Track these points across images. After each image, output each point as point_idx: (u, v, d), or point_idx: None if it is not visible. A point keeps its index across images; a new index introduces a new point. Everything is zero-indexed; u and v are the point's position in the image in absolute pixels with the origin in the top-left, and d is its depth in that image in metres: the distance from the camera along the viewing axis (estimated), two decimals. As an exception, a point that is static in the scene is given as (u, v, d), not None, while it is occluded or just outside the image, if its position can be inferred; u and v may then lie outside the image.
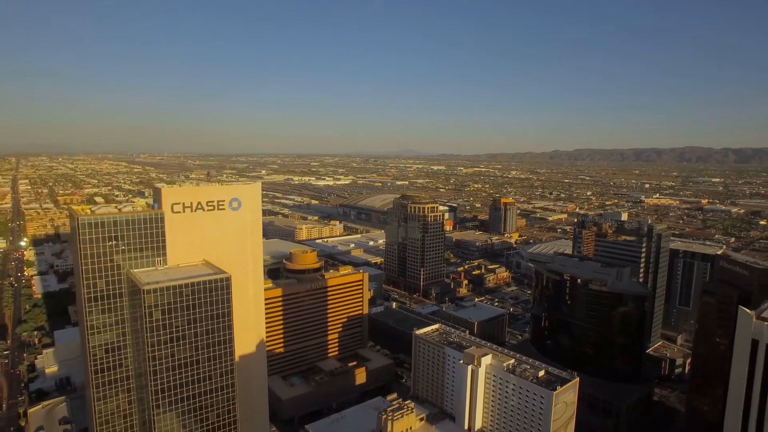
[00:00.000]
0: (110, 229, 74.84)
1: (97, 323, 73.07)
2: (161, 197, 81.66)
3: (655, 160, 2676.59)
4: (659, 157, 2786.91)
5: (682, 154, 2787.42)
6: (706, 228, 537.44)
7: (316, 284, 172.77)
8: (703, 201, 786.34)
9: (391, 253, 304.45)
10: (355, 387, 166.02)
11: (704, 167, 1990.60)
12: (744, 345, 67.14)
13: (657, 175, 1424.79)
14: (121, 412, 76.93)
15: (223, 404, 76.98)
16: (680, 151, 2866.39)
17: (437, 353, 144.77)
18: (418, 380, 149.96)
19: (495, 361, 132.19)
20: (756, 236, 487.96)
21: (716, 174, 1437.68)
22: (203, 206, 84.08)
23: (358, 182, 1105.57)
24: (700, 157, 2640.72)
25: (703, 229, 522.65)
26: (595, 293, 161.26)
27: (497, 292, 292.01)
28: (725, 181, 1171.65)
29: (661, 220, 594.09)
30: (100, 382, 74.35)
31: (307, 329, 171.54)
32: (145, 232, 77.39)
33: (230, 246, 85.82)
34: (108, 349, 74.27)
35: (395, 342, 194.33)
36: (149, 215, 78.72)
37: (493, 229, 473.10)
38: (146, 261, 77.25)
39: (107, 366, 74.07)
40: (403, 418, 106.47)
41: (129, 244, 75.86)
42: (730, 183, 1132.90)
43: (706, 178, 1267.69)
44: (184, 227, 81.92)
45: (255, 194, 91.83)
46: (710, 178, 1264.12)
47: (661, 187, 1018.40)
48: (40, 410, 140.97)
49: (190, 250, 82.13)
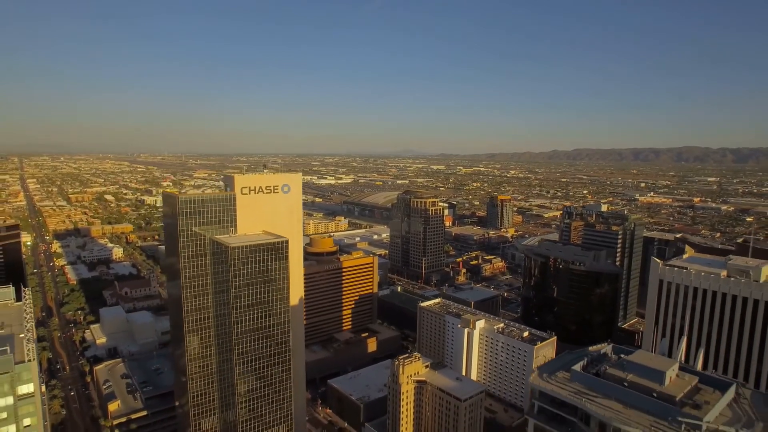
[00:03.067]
0: (198, 206, 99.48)
1: (189, 275, 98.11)
2: (234, 183, 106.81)
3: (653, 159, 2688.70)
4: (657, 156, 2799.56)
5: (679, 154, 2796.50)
6: (695, 224, 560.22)
7: (333, 266, 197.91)
8: (695, 199, 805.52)
9: (395, 245, 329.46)
10: (367, 354, 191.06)
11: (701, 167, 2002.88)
12: (654, 283, 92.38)
13: (654, 174, 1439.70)
14: (204, 352, 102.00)
15: (281, 335, 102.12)
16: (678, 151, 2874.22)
17: (439, 321, 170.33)
18: (422, 344, 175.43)
19: (487, 324, 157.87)
20: (741, 232, 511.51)
21: (713, 174, 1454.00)
22: (263, 189, 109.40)
23: (359, 181, 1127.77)
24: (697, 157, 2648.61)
25: (691, 226, 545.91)
26: (575, 273, 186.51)
27: (493, 280, 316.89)
28: (720, 181, 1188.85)
29: (652, 217, 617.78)
30: (191, 327, 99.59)
31: (325, 304, 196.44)
32: (222, 209, 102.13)
33: (281, 220, 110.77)
34: (196, 295, 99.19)
35: (400, 319, 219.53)
36: (225, 196, 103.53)
37: (490, 225, 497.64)
38: (223, 230, 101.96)
39: (196, 311, 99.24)
40: (412, 364, 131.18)
41: (211, 217, 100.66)
42: (725, 182, 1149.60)
43: (702, 178, 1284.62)
44: (249, 205, 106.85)
45: (299, 181, 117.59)
46: (706, 178, 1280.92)
47: (656, 186, 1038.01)
48: (104, 368, 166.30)
49: (253, 223, 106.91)
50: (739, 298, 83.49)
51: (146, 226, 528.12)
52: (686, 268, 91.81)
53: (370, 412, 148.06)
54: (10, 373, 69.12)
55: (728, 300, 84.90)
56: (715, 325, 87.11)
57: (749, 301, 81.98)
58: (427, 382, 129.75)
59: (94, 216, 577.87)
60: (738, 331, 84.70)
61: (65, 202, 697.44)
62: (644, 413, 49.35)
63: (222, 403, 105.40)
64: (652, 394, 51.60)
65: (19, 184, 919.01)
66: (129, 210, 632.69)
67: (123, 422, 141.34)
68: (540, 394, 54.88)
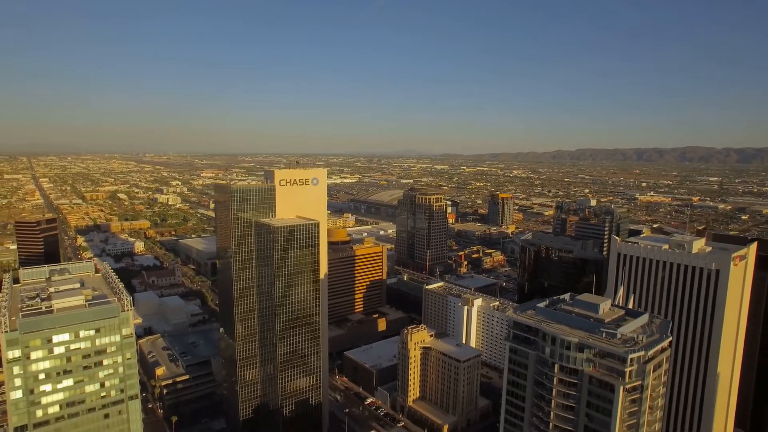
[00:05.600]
0: (246, 194, 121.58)
1: (238, 251, 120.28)
2: (274, 176, 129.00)
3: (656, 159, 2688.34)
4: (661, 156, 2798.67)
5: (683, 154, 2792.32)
6: (691, 222, 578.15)
7: (347, 253, 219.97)
8: (694, 198, 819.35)
9: (401, 239, 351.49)
10: (377, 333, 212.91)
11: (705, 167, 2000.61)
12: (614, 256, 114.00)
13: (656, 174, 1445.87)
14: (249, 316, 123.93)
15: (313, 300, 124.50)
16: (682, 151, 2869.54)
17: (442, 301, 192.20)
18: (427, 321, 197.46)
19: (484, 303, 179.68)
20: (734, 228, 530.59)
21: (715, 173, 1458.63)
22: (297, 182, 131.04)
23: (363, 180, 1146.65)
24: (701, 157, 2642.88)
25: (687, 223, 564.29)
26: (564, 260, 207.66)
27: (493, 271, 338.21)
28: (722, 180, 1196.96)
29: (650, 215, 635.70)
30: (239, 295, 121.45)
31: (339, 288, 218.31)
32: (264, 197, 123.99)
33: (311, 207, 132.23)
34: (243, 268, 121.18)
35: (407, 304, 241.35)
36: (266, 187, 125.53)
37: (491, 222, 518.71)
38: (264, 215, 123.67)
39: (242, 280, 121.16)
40: (419, 332, 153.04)
41: (255, 204, 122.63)
42: (727, 182, 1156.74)
43: (704, 178, 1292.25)
44: (285, 195, 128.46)
45: (324, 176, 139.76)
46: (708, 178, 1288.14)
47: (657, 186, 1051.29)
48: (146, 341, 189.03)
49: (288, 209, 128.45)
50: (674, 264, 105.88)
51: (162, 223, 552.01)
52: (637, 243, 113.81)
53: (382, 377, 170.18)
54: (117, 318, 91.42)
55: (667, 266, 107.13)
56: (658, 286, 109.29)
57: (682, 267, 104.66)
58: (432, 348, 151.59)
59: (111, 213, 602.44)
60: (674, 290, 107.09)
61: (80, 200, 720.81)
62: (582, 330, 70.82)
63: (262, 359, 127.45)
64: (589, 319, 72.97)
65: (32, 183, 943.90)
66: (143, 208, 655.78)
67: (169, 384, 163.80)
68: (514, 324, 76.07)
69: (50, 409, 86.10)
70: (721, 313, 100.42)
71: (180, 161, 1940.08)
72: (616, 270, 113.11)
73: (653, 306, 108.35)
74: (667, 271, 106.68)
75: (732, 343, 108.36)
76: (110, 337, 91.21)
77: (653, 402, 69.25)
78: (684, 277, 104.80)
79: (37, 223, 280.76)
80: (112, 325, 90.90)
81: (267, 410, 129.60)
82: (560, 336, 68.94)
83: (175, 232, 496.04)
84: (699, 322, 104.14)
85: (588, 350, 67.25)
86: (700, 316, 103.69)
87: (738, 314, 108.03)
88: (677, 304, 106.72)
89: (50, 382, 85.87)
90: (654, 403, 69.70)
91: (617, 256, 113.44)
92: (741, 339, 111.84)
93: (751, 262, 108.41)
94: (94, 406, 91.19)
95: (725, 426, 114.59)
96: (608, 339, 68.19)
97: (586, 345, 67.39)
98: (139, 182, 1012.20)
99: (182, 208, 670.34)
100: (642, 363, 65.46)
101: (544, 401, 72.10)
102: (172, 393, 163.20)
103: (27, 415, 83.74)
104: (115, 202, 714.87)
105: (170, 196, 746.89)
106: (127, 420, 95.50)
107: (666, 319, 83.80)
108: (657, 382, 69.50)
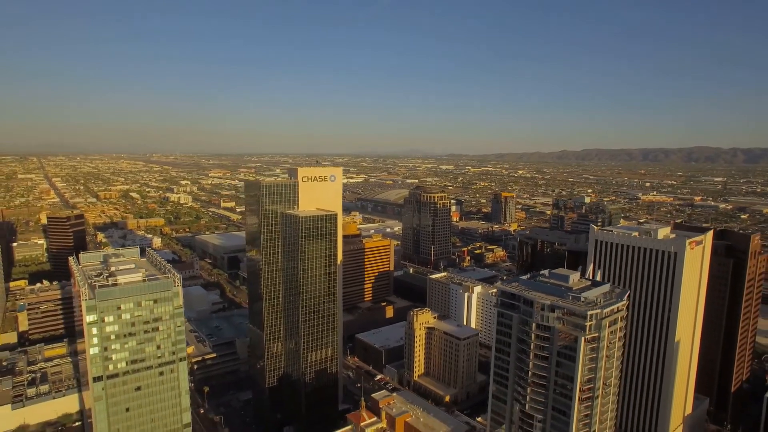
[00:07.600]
0: (274, 189, 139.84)
1: (266, 238, 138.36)
2: (297, 173, 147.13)
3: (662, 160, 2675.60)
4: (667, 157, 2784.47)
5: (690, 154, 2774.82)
6: (691, 221, 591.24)
7: (357, 246, 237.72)
8: (696, 198, 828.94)
9: (407, 235, 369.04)
10: (385, 319, 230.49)
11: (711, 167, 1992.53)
12: (592, 243, 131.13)
13: (661, 174, 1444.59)
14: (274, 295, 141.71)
15: (332, 281, 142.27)
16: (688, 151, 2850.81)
17: (445, 289, 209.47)
18: (431, 308, 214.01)
19: (483, 290, 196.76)
20: (732, 227, 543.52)
21: (721, 174, 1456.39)
22: (317, 178, 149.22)
23: (370, 180, 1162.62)
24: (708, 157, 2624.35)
25: (685, 222, 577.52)
26: (558, 252, 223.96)
27: (494, 266, 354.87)
28: (726, 180, 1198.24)
29: (651, 214, 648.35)
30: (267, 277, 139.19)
31: (350, 278, 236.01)
32: (289, 192, 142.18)
33: (329, 201, 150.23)
34: (270, 253, 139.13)
35: (413, 294, 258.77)
36: (291, 182, 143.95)
37: (494, 220, 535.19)
38: (288, 207, 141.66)
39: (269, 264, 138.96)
40: (424, 314, 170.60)
41: (281, 198, 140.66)
42: (732, 182, 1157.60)
43: (709, 178, 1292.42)
44: (307, 189, 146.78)
45: (340, 173, 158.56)
46: (713, 178, 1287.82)
47: (661, 186, 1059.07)
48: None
49: (309, 202, 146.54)
50: (641, 249, 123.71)
51: (175, 220, 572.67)
52: (612, 230, 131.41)
53: (389, 356, 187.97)
54: (170, 291, 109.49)
55: (636, 250, 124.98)
56: (629, 267, 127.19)
57: (647, 251, 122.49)
58: (435, 328, 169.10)
59: (125, 212, 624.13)
60: (641, 269, 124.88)
61: (94, 199, 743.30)
62: (554, 296, 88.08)
63: (286, 334, 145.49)
64: (560, 287, 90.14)
65: (46, 182, 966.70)
66: (156, 206, 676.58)
67: (198, 360, 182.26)
68: (501, 292, 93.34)
69: (119, 364, 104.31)
70: (678, 289, 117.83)
71: (187, 161, 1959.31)
72: (594, 253, 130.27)
73: (625, 283, 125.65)
74: (635, 254, 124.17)
75: (691, 316, 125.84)
76: (164, 306, 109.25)
77: (609, 352, 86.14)
78: (649, 258, 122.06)
79: (67, 218, 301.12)
80: (166, 297, 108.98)
81: (290, 380, 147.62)
82: (537, 300, 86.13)
83: (189, 229, 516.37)
84: (660, 297, 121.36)
85: (558, 310, 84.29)
86: (662, 291, 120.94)
87: (697, 291, 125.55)
88: (643, 282, 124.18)
89: (119, 342, 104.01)
90: (611, 353, 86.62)
91: (595, 242, 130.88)
92: (700, 312, 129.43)
93: (708, 247, 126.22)
94: (151, 364, 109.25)
95: (686, 388, 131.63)
96: (574, 301, 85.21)
97: (557, 306, 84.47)
98: (150, 182, 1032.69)
99: (194, 206, 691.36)
100: (599, 319, 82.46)
101: (525, 354, 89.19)
102: (202, 369, 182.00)
103: (102, 367, 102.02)
104: (128, 200, 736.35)
105: (181, 195, 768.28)
106: (177, 378, 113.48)
107: (624, 288, 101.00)
108: (613, 336, 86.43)
